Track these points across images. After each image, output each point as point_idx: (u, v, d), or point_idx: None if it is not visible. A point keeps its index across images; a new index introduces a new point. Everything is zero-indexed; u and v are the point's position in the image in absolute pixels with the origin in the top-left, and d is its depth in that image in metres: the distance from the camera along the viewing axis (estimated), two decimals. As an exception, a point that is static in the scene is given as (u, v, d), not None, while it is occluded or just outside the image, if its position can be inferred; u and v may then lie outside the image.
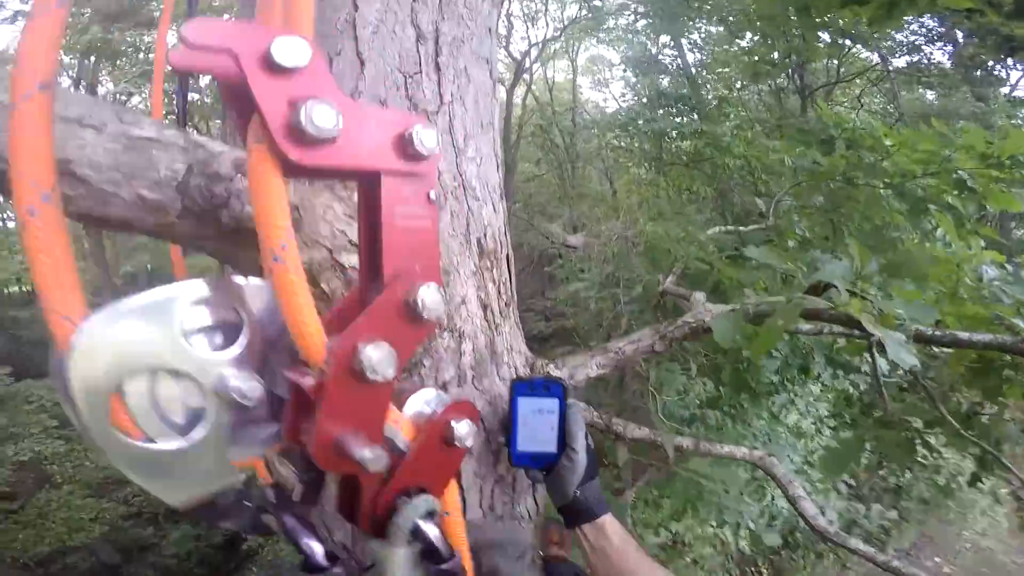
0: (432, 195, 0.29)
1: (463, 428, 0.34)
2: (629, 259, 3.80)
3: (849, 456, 1.30)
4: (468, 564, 0.38)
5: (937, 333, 0.97)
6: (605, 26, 12.04)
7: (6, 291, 15.65)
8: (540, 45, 12.75)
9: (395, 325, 0.28)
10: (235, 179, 0.52)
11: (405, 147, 0.27)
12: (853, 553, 0.94)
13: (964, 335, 0.96)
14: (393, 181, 0.27)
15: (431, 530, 0.33)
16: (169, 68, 0.26)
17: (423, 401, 0.34)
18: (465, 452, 0.35)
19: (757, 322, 1.05)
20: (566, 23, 12.71)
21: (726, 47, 9.26)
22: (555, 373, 0.99)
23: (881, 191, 2.24)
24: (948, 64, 8.81)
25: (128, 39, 10.02)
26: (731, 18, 8.03)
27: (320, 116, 0.23)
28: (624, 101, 13.11)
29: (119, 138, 0.47)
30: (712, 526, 4.30)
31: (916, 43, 8.50)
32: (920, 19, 7.72)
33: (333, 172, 0.29)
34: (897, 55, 9.10)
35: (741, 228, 2.56)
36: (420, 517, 0.33)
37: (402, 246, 0.28)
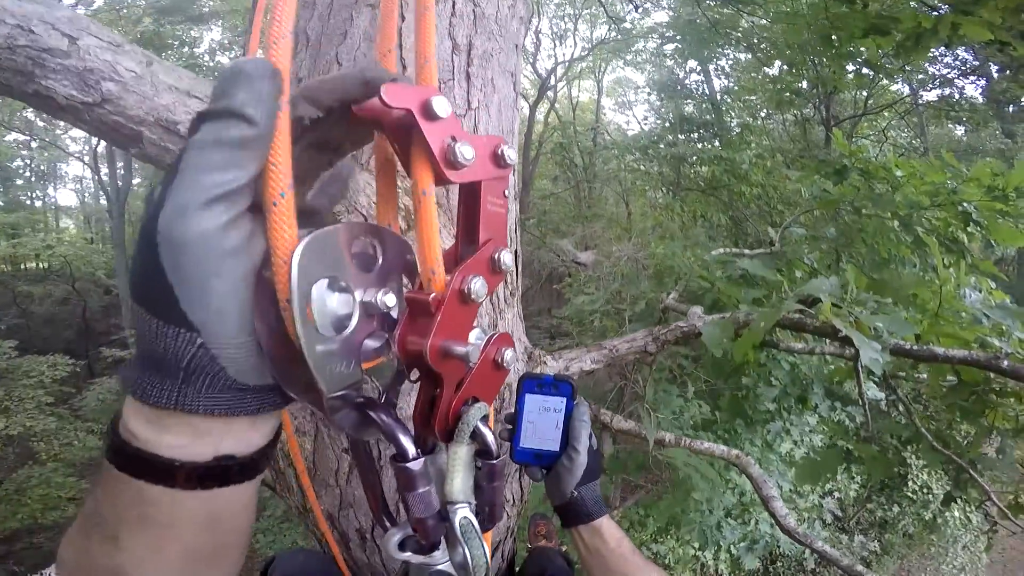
0: (507, 192, 0.43)
1: (508, 354, 0.45)
2: (638, 280, 3.88)
3: (825, 467, 1.34)
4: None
5: (915, 348, 1.02)
6: (633, 48, 12.20)
7: (23, 267, 16.15)
8: (566, 64, 12.93)
9: (485, 271, 0.40)
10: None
11: (497, 159, 0.40)
12: (817, 554, 0.99)
13: (940, 350, 1.02)
14: (488, 182, 0.41)
15: (486, 432, 0.43)
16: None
17: (475, 335, 0.44)
18: (507, 374, 0.45)
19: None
20: (594, 43, 12.89)
21: (753, 75, 9.35)
22: (551, 363, 1.07)
23: (890, 223, 2.29)
24: (980, 99, 8.72)
25: (177, 32, 10.45)
26: (761, 46, 8.11)
27: (465, 151, 0.37)
28: (647, 124, 13.25)
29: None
30: (694, 547, 4.33)
31: (949, 76, 8.45)
32: (954, 52, 7.67)
33: (459, 183, 0.40)
34: (928, 88, 9.04)
35: (746, 251, 2.62)
36: (479, 420, 0.42)
37: (490, 223, 0.42)
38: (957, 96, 8.56)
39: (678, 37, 9.32)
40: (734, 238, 6.78)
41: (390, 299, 0.37)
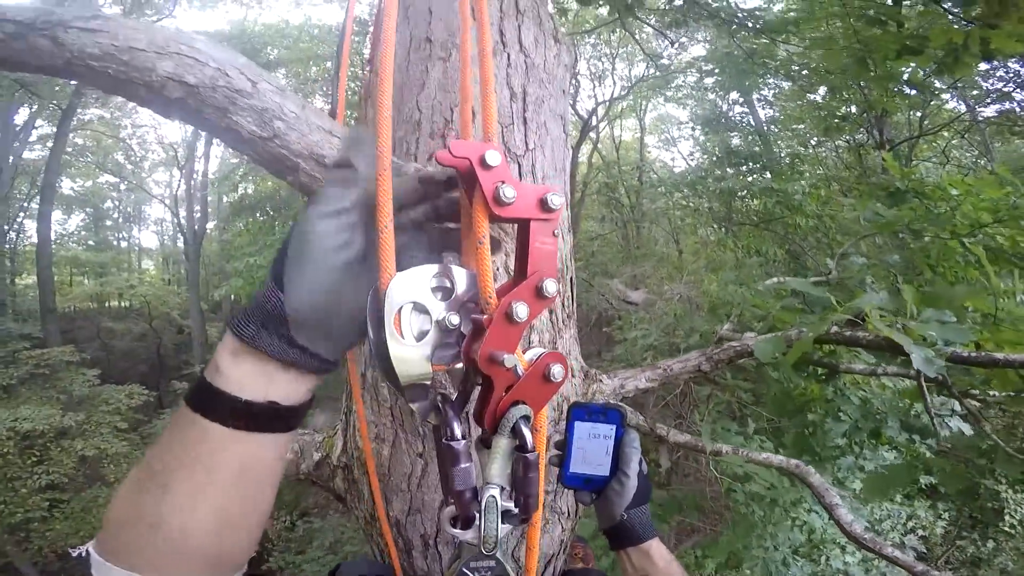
0: (556, 232, 0.52)
1: (557, 368, 0.52)
2: (691, 317, 3.85)
3: (894, 480, 1.29)
4: (541, 472, 0.55)
5: (973, 354, 1.02)
6: (673, 84, 12.30)
7: (108, 304, 17.50)
8: (607, 103, 13.12)
9: (531, 297, 0.50)
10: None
11: (544, 204, 0.50)
12: (889, 561, 0.97)
13: (999, 355, 1.01)
14: (537, 224, 0.51)
15: (526, 430, 0.51)
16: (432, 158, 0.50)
17: (535, 352, 0.54)
18: (557, 387, 0.53)
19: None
20: (633, 82, 13.06)
21: (799, 102, 9.25)
22: (607, 382, 1.12)
23: (955, 244, 2.21)
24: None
25: None
26: (803, 72, 8.04)
27: (508, 192, 0.48)
28: (692, 160, 13.17)
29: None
30: (755, 586, 4.06)
31: (1005, 90, 8.05)
32: (1005, 65, 7.35)
33: (509, 219, 0.50)
34: (986, 104, 8.63)
35: (800, 280, 2.58)
36: (520, 417, 0.51)
37: (539, 258, 0.51)
38: (1018, 110, 8.11)
39: (716, 70, 9.36)
40: (792, 272, 6.56)
41: (454, 318, 0.50)
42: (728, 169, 9.19)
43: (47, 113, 12.36)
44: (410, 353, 0.49)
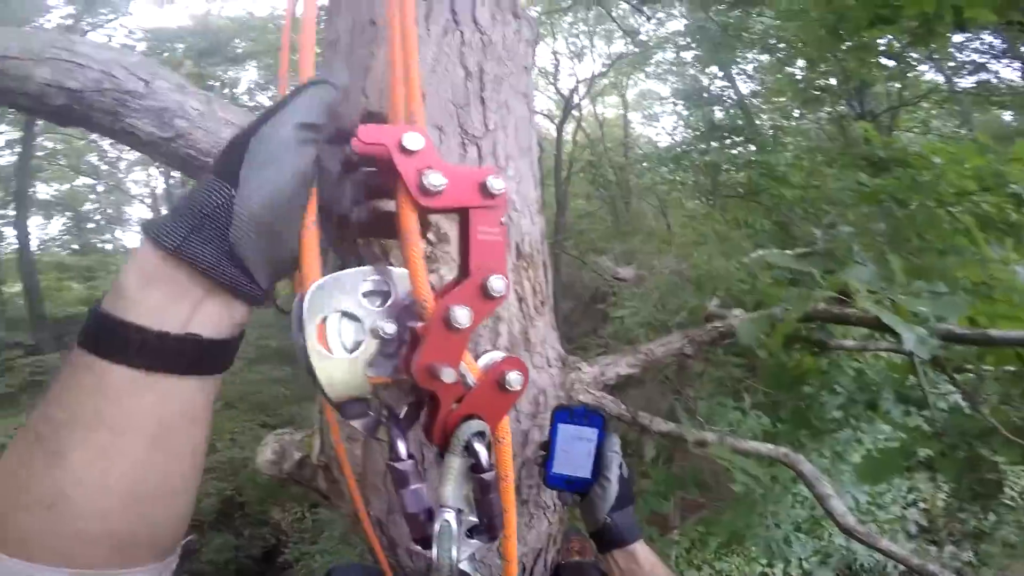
0: (503, 219, 0.45)
1: (514, 376, 0.46)
2: (681, 291, 3.81)
3: (890, 465, 1.26)
4: (509, 483, 0.50)
5: (967, 332, 0.98)
6: (652, 60, 12.16)
7: (62, 313, 17.21)
8: (588, 81, 12.97)
9: (475, 298, 0.43)
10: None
11: (484, 189, 0.43)
12: (883, 554, 0.94)
13: (996, 332, 0.97)
14: (477, 211, 0.43)
15: (480, 448, 0.45)
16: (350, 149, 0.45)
17: (491, 358, 0.48)
18: (516, 396, 0.47)
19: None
20: (612, 59, 12.91)
21: (779, 75, 9.18)
22: (587, 370, 1.07)
23: (942, 212, 2.18)
24: (1020, 81, 8.25)
25: (219, 73, 11.28)
26: (780, 45, 7.97)
27: (434, 179, 0.41)
28: (676, 135, 13.12)
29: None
30: (761, 564, 4.10)
31: (980, 61, 8.06)
32: (980, 36, 7.35)
33: (443, 210, 0.43)
34: (963, 75, 8.65)
35: (787, 252, 2.54)
36: (472, 434, 0.45)
37: (481, 251, 0.44)
38: (995, 80, 8.13)
39: (693, 45, 9.27)
40: (780, 243, 6.56)
41: (389, 326, 0.44)
42: (712, 143, 9.13)
43: (10, 119, 12.02)
44: (339, 367, 0.43)
